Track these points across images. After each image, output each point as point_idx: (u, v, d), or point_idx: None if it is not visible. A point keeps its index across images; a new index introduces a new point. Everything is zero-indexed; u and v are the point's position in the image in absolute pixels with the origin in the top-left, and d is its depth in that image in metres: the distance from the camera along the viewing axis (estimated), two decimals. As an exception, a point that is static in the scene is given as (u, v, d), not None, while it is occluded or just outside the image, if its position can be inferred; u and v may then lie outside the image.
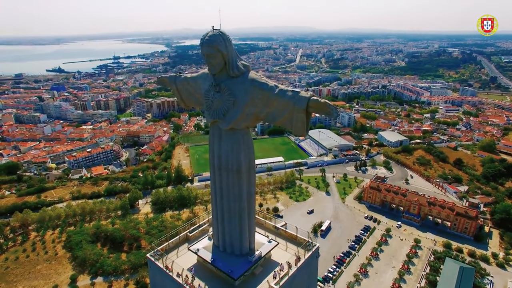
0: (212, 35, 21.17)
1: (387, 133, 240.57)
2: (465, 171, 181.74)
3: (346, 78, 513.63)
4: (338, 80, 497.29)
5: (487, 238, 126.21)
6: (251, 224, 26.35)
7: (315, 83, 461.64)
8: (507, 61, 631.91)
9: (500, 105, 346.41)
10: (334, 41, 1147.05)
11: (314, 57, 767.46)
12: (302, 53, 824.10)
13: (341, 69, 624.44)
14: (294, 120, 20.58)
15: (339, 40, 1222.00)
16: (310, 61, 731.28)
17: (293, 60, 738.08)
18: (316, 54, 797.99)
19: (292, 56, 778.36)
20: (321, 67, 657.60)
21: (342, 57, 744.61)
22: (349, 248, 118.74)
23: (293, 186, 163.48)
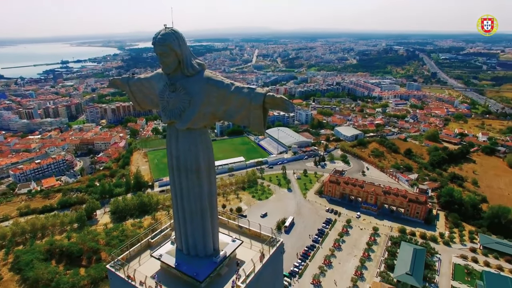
0: (164, 34, 20.69)
1: (343, 128, 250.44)
2: (414, 160, 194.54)
3: (302, 76, 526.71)
4: (294, 79, 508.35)
5: (435, 220, 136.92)
6: (214, 224, 26.25)
7: (272, 82, 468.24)
8: (444, 58, 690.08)
9: (440, 98, 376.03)
10: (289, 41, 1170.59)
11: (270, 57, 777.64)
12: (258, 53, 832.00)
13: (297, 68, 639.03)
14: (252, 117, 20.59)
15: (294, 39, 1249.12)
16: (266, 61, 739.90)
17: (249, 60, 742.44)
18: (272, 54, 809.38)
19: (249, 57, 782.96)
20: (277, 66, 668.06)
21: (297, 56, 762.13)
22: (312, 241, 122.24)
23: (255, 185, 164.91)
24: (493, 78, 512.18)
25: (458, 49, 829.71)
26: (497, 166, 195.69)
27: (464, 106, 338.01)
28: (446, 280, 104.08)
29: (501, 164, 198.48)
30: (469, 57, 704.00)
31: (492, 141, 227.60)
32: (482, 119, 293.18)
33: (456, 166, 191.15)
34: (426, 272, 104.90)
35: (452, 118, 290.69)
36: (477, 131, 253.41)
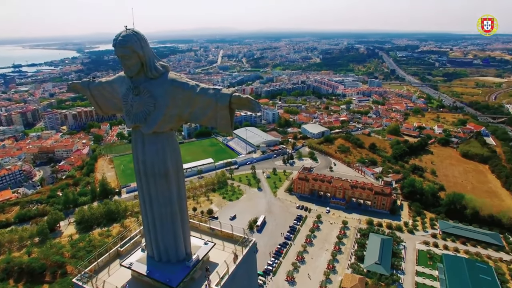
0: (125, 35, 19.94)
1: (309, 125, 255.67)
2: (378, 154, 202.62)
3: (267, 76, 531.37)
4: (260, 78, 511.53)
5: (400, 210, 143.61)
6: (185, 228, 25.88)
7: (238, 82, 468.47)
8: (401, 56, 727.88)
9: (400, 94, 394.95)
10: (254, 41, 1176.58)
11: (235, 57, 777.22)
12: (223, 53, 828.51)
13: (262, 67, 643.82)
14: (219, 118, 20.43)
15: (258, 39, 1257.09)
16: (231, 61, 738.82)
17: (214, 61, 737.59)
18: (237, 54, 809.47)
19: (214, 57, 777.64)
20: (242, 66, 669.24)
21: (262, 56, 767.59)
22: (285, 239, 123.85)
23: (225, 186, 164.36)
24: (445, 74, 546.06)
25: (413, 47, 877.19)
26: (452, 156, 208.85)
27: (421, 101, 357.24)
28: (411, 266, 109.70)
29: (455, 154, 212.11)
30: (423, 54, 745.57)
31: (446, 133, 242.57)
32: (437, 112, 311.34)
33: (416, 158, 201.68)
34: (393, 260, 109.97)
35: (411, 112, 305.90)
36: (433, 124, 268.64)
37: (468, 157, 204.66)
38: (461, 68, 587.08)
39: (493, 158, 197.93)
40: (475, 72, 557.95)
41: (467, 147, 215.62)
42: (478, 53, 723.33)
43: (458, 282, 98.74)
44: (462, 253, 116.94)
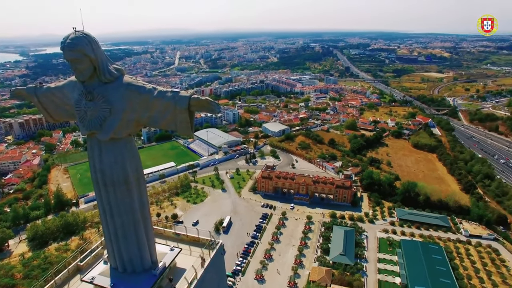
0: (74, 38, 18.72)
1: (270, 124, 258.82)
2: (337, 148, 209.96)
3: (226, 76, 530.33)
4: (219, 79, 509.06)
5: (360, 202, 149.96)
6: (150, 235, 25.07)
7: (196, 84, 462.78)
8: (354, 54, 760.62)
9: (355, 90, 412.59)
10: (211, 42, 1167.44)
11: (193, 59, 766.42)
12: (181, 55, 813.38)
13: (220, 68, 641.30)
14: (178, 121, 19.87)
15: (216, 40, 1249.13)
16: (189, 62, 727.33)
17: (172, 63, 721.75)
18: (195, 55, 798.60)
19: (171, 59, 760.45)
20: (200, 67, 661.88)
21: (220, 57, 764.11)
22: (251, 238, 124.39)
23: (189, 189, 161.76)
24: (394, 70, 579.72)
25: (365, 45, 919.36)
26: (404, 147, 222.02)
27: (374, 96, 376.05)
28: (373, 254, 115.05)
29: (407, 145, 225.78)
30: (374, 52, 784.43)
31: (398, 125, 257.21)
32: (390, 106, 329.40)
33: (373, 150, 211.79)
34: (356, 249, 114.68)
35: (365, 107, 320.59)
36: (387, 118, 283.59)
37: (419, 147, 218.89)
38: (408, 65, 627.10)
39: (440, 147, 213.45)
40: (420, 68, 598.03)
41: (417, 138, 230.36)
42: (422, 51, 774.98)
43: (414, 264, 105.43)
44: (417, 237, 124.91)
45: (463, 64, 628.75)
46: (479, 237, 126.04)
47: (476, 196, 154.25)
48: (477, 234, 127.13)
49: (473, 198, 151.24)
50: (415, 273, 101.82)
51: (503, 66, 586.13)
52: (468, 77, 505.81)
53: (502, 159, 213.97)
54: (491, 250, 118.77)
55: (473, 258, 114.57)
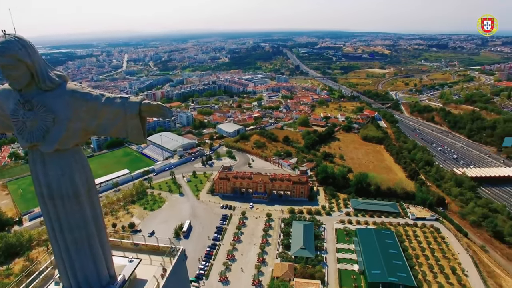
0: (5, 42, 16.77)
1: (224, 125, 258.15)
2: (292, 145, 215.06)
3: (177, 78, 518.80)
4: (170, 81, 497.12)
5: (317, 196, 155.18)
6: (105, 248, 23.70)
7: (147, 87, 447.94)
8: (303, 52, 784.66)
9: (305, 88, 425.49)
10: (160, 43, 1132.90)
11: (142, 61, 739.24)
12: (129, 58, 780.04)
13: (171, 70, 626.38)
14: (129, 128, 18.94)
15: (165, 42, 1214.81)
16: (138, 65, 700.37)
17: (119, 66, 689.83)
18: (143, 57, 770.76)
19: (118, 62, 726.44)
20: (150, 70, 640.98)
21: (170, 59, 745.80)
22: (213, 240, 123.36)
23: (145, 196, 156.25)
24: (341, 67, 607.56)
25: (313, 44, 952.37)
26: (355, 141, 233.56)
27: (324, 92, 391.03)
28: (332, 245, 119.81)
29: (357, 139, 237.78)
30: (321, 50, 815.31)
31: (348, 120, 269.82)
32: (339, 102, 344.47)
33: (326, 145, 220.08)
34: (316, 242, 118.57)
35: (316, 104, 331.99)
36: (337, 113, 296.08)
37: (367, 140, 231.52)
38: (353, 62, 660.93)
39: (386, 139, 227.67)
40: (364, 65, 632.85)
41: (365, 131, 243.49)
42: (365, 48, 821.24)
43: (370, 250, 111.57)
44: (371, 224, 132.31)
45: (402, 61, 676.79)
46: (423, 219, 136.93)
47: (420, 182, 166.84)
48: (422, 217, 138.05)
49: (417, 184, 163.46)
50: (371, 259, 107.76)
51: (434, 62, 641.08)
52: (406, 72, 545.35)
53: (439, 147, 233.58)
54: (433, 230, 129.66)
55: (419, 238, 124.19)
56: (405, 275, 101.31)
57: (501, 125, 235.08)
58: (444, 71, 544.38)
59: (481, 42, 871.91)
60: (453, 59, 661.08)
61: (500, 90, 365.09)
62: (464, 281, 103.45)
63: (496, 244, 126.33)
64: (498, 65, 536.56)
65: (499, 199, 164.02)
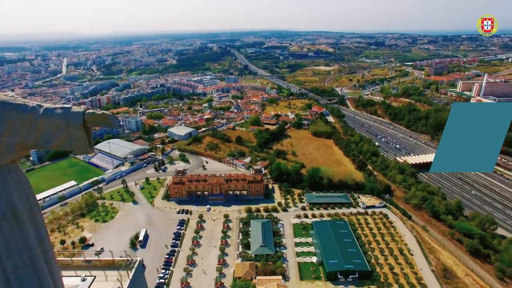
0: None
1: (175, 128, 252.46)
2: (245, 145, 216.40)
3: (123, 82, 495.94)
4: (116, 86, 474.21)
5: (272, 193, 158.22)
6: (54, 270, 21.74)
7: (91, 93, 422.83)
8: (251, 52, 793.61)
9: (255, 87, 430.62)
10: (102, 46, 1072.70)
11: (83, 65, 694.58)
12: (68, 62, 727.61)
13: (116, 74, 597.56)
14: (73, 140, 17.76)
15: (108, 44, 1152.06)
16: (79, 70, 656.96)
17: (58, 71, 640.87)
18: (85, 61, 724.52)
19: (57, 67, 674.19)
20: (94, 75, 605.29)
21: (115, 62, 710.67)
22: (171, 247, 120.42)
23: (96, 207, 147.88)
24: (289, 66, 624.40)
25: (260, 44, 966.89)
26: (306, 137, 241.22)
27: (273, 91, 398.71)
28: (290, 240, 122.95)
29: (308, 134, 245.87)
30: (269, 50, 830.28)
31: (298, 117, 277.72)
32: (288, 100, 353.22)
33: (278, 143, 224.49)
34: (275, 239, 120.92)
35: (267, 103, 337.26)
36: (287, 111, 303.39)
37: (317, 135, 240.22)
38: (300, 60, 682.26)
39: (335, 133, 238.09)
40: (310, 62, 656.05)
41: (315, 127, 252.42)
42: (311, 47, 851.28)
43: (326, 241, 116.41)
44: (326, 216, 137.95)
45: (345, 58, 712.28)
46: (373, 207, 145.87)
47: (368, 172, 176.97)
48: (372, 205, 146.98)
49: (366, 174, 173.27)
50: (328, 250, 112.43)
51: (373, 59, 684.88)
52: (349, 69, 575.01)
53: (383, 138, 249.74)
54: (382, 216, 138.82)
55: (371, 225, 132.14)
56: (360, 261, 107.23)
57: (433, 115, 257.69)
58: (382, 67, 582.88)
59: (411, 40, 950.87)
60: (390, 56, 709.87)
61: (430, 84, 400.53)
62: (410, 260, 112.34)
63: (434, 223, 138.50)
64: (426, 61, 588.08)
65: (435, 182, 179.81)
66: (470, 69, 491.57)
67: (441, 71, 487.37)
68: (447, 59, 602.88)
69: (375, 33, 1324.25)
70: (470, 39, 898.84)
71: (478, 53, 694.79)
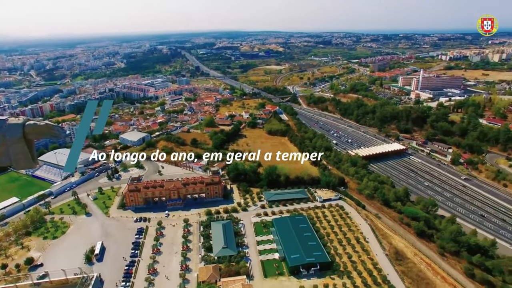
0: None
1: (128, 134, 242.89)
2: (201, 147, 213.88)
3: (68, 88, 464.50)
4: (59, 92, 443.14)
5: (231, 194, 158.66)
6: None
7: (31, 100, 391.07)
8: (202, 53, 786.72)
9: (208, 88, 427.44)
10: (41, 50, 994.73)
11: (20, 70, 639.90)
12: (1, 67, 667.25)
13: (59, 79, 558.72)
14: (12, 154, 16.75)
15: (47, 47, 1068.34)
16: (15, 75, 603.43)
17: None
18: (22, 66, 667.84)
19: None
20: (33, 81, 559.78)
21: (57, 67, 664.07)
22: (130, 257, 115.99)
23: (44, 223, 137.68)
24: (241, 66, 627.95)
25: (211, 44, 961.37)
26: (261, 135, 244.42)
27: (227, 92, 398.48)
28: (252, 239, 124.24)
29: (263, 133, 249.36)
30: (220, 50, 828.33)
31: (252, 116, 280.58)
32: (242, 100, 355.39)
33: (234, 143, 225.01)
34: (237, 239, 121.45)
35: (220, 103, 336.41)
36: (241, 111, 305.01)
37: (272, 133, 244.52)
38: (251, 60, 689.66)
39: (289, 131, 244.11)
40: (262, 62, 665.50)
41: (269, 125, 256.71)
42: (261, 47, 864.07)
43: (287, 237, 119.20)
44: (285, 213, 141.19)
45: (295, 57, 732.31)
46: (329, 200, 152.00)
47: (322, 167, 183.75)
48: (328, 198, 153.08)
49: (320, 169, 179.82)
50: (289, 245, 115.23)
51: (322, 57, 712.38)
52: (300, 67, 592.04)
53: (335, 133, 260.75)
54: (338, 208, 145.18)
55: (328, 218, 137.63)
56: (320, 253, 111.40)
57: (379, 109, 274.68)
58: (331, 65, 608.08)
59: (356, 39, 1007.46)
60: (337, 54, 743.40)
61: (375, 80, 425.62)
62: (366, 247, 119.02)
63: (386, 210, 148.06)
64: (370, 58, 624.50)
65: (384, 172, 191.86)
66: (408, 65, 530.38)
67: (383, 68, 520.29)
68: (388, 56, 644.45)
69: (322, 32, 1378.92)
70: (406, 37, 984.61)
71: (414, 50, 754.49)
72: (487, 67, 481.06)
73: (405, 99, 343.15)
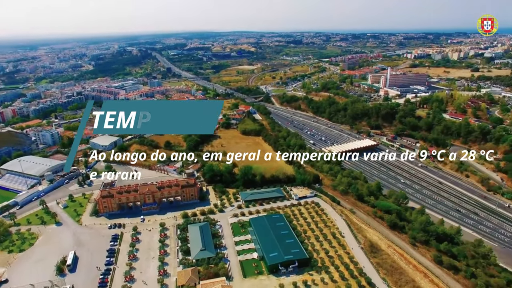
0: None
1: (98, 138, 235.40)
2: (175, 149, 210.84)
3: (32, 92, 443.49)
4: (22, 96, 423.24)
5: (207, 195, 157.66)
6: None
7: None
8: (173, 54, 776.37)
9: (180, 90, 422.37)
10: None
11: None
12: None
13: (22, 83, 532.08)
14: None
15: (7, 49, 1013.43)
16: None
17: None
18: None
19: None
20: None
21: (18, 69, 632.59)
22: (106, 266, 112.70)
23: (9, 236, 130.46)
24: (213, 66, 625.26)
25: (182, 45, 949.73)
26: (235, 136, 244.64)
27: (199, 93, 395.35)
28: (230, 240, 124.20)
29: (237, 133, 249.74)
30: (191, 51, 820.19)
31: (226, 117, 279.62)
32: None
33: (208, 144, 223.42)
34: (215, 241, 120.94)
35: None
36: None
37: (246, 133, 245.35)
38: (223, 60, 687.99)
39: (263, 130, 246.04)
40: (234, 62, 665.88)
41: (243, 125, 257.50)
42: (233, 47, 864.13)
43: (265, 236, 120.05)
44: (262, 212, 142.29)
45: (267, 57, 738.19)
46: (305, 197, 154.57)
47: (297, 165, 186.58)
48: (303, 195, 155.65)
49: (295, 167, 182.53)
50: (267, 244, 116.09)
51: (293, 57, 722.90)
52: (272, 67, 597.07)
53: (308, 131, 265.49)
54: (314, 205, 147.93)
55: (304, 215, 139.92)
56: (298, 250, 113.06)
57: (350, 107, 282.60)
58: (302, 64, 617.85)
59: (326, 39, 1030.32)
60: (308, 53, 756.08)
61: (345, 78, 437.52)
62: (342, 242, 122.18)
63: (360, 205, 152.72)
64: (340, 57, 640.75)
65: (357, 168, 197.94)
66: (376, 63, 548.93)
67: (353, 66, 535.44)
68: (357, 55, 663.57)
69: (293, 32, 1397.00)
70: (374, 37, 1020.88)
71: (381, 49, 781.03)
72: (448, 65, 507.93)
73: (374, 96, 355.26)
